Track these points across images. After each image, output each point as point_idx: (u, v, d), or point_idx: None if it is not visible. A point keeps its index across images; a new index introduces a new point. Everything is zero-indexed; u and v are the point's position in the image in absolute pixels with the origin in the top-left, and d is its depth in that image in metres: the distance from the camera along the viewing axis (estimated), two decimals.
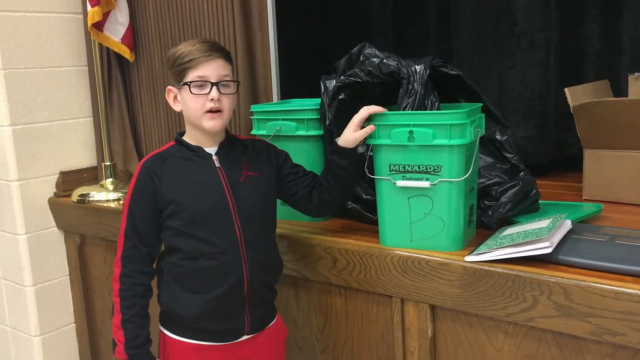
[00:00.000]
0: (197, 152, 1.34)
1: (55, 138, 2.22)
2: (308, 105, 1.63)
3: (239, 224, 1.31)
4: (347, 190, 1.46)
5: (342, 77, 1.54)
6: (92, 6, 2.02)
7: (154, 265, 1.38)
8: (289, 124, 1.62)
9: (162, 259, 1.37)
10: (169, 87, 1.34)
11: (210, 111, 1.29)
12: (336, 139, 1.40)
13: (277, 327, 1.45)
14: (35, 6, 2.14)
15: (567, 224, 1.32)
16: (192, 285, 1.31)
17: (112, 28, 2.12)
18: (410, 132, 1.33)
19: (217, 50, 1.30)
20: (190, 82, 1.28)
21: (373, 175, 1.41)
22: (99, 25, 2.09)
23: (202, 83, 1.28)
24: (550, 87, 2.08)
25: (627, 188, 1.63)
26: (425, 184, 1.33)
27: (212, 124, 1.30)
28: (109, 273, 2.15)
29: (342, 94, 1.56)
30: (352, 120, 1.37)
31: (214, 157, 1.34)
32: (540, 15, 2.06)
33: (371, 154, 1.42)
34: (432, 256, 1.32)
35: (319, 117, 1.60)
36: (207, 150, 1.35)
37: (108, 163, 2.22)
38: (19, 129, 2.11)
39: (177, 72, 1.29)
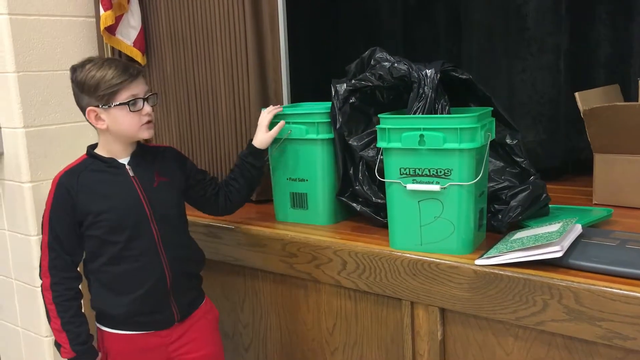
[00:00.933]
0: (110, 163, 1.42)
1: (68, 140, 2.24)
2: (318, 108, 1.64)
3: (156, 227, 1.41)
4: (255, 185, 1.67)
5: (353, 81, 1.55)
6: (105, 10, 2.04)
7: (81, 272, 1.46)
8: (299, 127, 1.63)
9: (86, 265, 1.44)
10: (91, 108, 1.38)
11: (146, 123, 1.41)
12: (251, 142, 1.63)
13: (206, 308, 1.55)
14: (48, 10, 2.17)
15: (578, 228, 1.32)
16: (118, 288, 1.41)
17: (124, 31, 2.14)
18: (421, 135, 1.33)
19: (136, 69, 1.40)
20: (127, 102, 1.37)
21: (383, 178, 1.41)
22: (111, 29, 2.11)
23: (135, 101, 1.38)
24: (561, 91, 2.08)
25: (638, 192, 1.62)
26: (435, 187, 1.34)
27: (150, 132, 1.43)
28: None
29: (353, 98, 1.57)
30: (260, 123, 1.63)
31: (127, 167, 1.43)
32: (551, 19, 2.06)
33: (382, 157, 1.43)
34: (442, 259, 1.32)
35: (329, 120, 1.61)
36: (120, 160, 1.43)
37: None
38: (32, 131, 2.13)
39: (106, 95, 1.36)
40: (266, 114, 1.64)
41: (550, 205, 1.55)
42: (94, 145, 1.47)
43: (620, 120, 1.60)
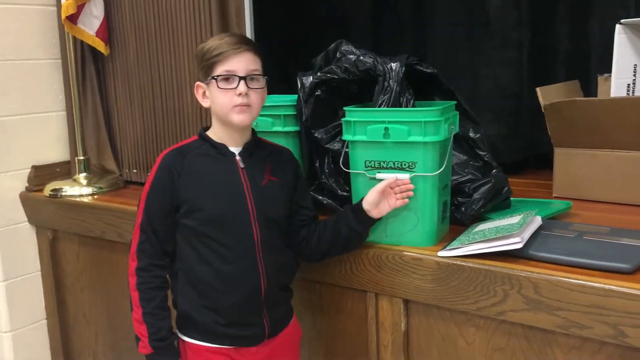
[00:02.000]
0: (221, 149, 1.30)
1: (28, 132, 2.19)
2: (284, 101, 1.63)
3: (258, 228, 1.27)
4: (348, 249, 1.40)
5: (319, 74, 1.55)
6: None
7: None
8: (265, 119, 1.62)
9: (178, 261, 1.32)
10: (198, 82, 1.30)
11: (239, 105, 1.24)
12: (365, 208, 1.32)
13: (293, 328, 1.41)
14: None
15: (538, 220, 1.35)
16: (207, 291, 1.27)
17: (86, 21, 2.10)
18: (386, 128, 1.34)
19: (245, 43, 1.26)
20: (218, 76, 1.24)
21: (348, 169, 1.42)
22: (73, 18, 2.07)
23: (230, 77, 1.24)
24: (523, 86, 2.12)
25: (596, 186, 1.67)
26: (403, 175, 1.34)
27: (241, 118, 1.25)
28: (82, 269, 2.13)
29: (319, 91, 1.57)
30: (376, 189, 1.31)
31: (238, 157, 1.30)
32: (513, 15, 2.09)
33: (347, 150, 1.44)
34: (406, 251, 1.34)
35: (295, 113, 1.61)
36: (231, 149, 1.30)
37: (81, 157, 2.19)
38: None
39: (206, 67, 1.26)
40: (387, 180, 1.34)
41: (511, 198, 1.58)
42: (207, 128, 1.34)
43: (580, 115, 1.64)
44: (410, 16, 2.43)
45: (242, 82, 1.23)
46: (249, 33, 1.85)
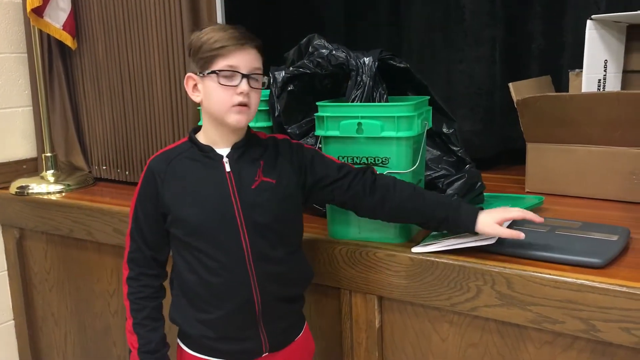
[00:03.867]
0: (207, 152, 1.19)
1: None
2: None
3: (247, 236, 1.16)
4: (411, 220, 1.30)
5: (291, 68, 1.53)
6: None
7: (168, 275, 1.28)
8: None
9: (173, 269, 1.25)
10: (190, 74, 1.18)
11: (238, 105, 1.14)
12: (482, 218, 1.19)
13: (303, 341, 1.29)
14: None
15: None
16: (198, 302, 1.19)
17: (52, 14, 2.04)
18: (359, 124, 1.33)
19: (251, 39, 1.16)
20: (220, 71, 1.13)
21: None
22: (38, 11, 2.01)
23: (232, 74, 1.13)
24: (496, 82, 2.12)
25: (568, 180, 1.68)
26: None
27: (238, 119, 1.15)
28: (50, 268, 2.08)
29: (291, 85, 1.55)
30: (498, 216, 1.19)
31: (225, 159, 1.19)
32: (487, 11, 2.10)
33: (320, 146, 1.42)
34: (380, 248, 1.33)
35: (267, 108, 1.59)
36: (219, 151, 1.19)
37: (49, 154, 2.14)
38: None
39: (204, 59, 1.14)
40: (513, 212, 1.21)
41: (485, 194, 1.59)
42: (198, 128, 1.24)
43: (551, 110, 1.65)
44: (386, 12, 2.42)
45: (244, 80, 1.13)
46: None
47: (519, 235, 1.16)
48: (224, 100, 1.14)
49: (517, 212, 1.19)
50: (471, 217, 1.20)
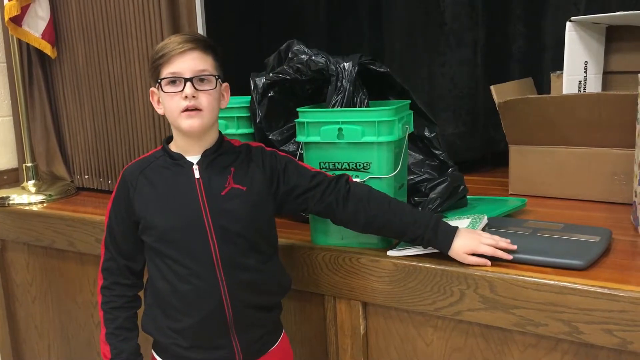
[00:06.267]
0: (177, 160, 1.19)
1: None
2: (238, 103, 1.60)
3: (216, 244, 1.15)
4: (383, 234, 1.30)
5: (271, 74, 1.53)
6: None
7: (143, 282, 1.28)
8: (218, 122, 1.58)
9: (148, 278, 1.25)
10: (152, 88, 1.20)
11: (187, 110, 1.14)
12: (456, 245, 1.20)
13: (279, 350, 1.28)
14: None
15: (485, 220, 1.35)
16: (169, 310, 1.18)
17: (31, 22, 2.02)
18: (340, 129, 1.32)
19: (191, 41, 1.14)
20: (162, 79, 1.14)
21: None
22: (17, 20, 1.99)
23: (175, 80, 1.14)
24: (478, 85, 2.13)
25: (550, 182, 1.68)
26: (355, 180, 1.33)
27: (189, 123, 1.14)
28: (32, 279, 2.06)
29: (272, 92, 1.54)
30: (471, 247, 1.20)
31: (195, 167, 1.18)
32: (468, 14, 2.10)
33: (302, 152, 1.41)
34: (363, 253, 1.32)
35: (249, 115, 1.58)
36: (190, 158, 1.19)
37: (30, 164, 2.11)
38: None
39: (152, 71, 1.17)
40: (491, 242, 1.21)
41: (468, 197, 1.59)
42: (172, 137, 1.24)
43: (533, 112, 1.65)
44: (367, 16, 2.42)
45: (188, 83, 1.13)
46: (201, 33, 1.81)
47: (486, 263, 1.19)
48: (173, 107, 1.15)
49: (488, 249, 1.19)
50: (448, 240, 1.21)
